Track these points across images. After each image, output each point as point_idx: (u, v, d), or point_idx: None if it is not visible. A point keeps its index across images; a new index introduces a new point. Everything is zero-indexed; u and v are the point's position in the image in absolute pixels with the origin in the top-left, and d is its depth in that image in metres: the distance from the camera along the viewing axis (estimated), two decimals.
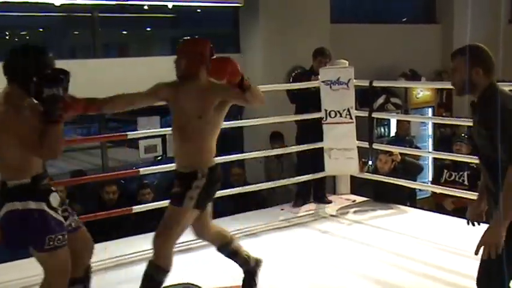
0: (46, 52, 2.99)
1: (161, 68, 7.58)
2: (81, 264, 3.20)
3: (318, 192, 6.15)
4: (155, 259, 3.34)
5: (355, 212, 5.86)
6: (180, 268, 4.22)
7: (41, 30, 9.82)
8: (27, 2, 6.92)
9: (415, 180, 6.36)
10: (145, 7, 7.97)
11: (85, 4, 7.43)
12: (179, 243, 4.65)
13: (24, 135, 2.76)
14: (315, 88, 5.93)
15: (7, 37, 9.65)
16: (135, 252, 4.69)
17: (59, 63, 3.04)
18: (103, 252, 4.56)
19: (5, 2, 6.75)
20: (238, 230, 5.16)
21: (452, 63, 2.81)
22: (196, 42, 3.50)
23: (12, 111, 2.78)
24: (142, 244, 4.77)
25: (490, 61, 2.75)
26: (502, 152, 2.55)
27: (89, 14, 7.70)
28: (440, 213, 5.86)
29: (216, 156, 3.50)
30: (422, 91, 9.69)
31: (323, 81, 5.86)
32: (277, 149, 6.67)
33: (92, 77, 6.56)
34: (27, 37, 10.11)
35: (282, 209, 5.92)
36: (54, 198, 2.97)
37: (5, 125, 2.78)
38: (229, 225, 5.22)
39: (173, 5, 8.03)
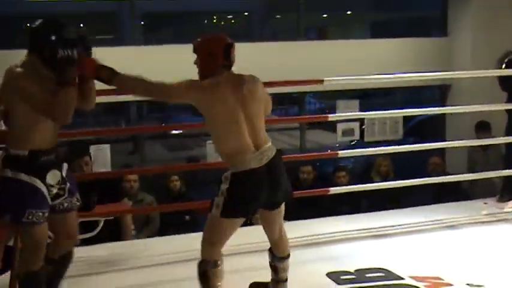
0: (64, 25, 2.93)
1: (359, 52, 7.65)
2: (57, 248, 3.16)
3: None
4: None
5: None
6: (377, 253, 4.22)
7: (245, 14, 10.30)
8: None
9: None
10: None
11: None
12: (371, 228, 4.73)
13: (35, 97, 2.79)
14: None
15: (214, 21, 10.29)
16: (325, 233, 4.69)
17: (262, 45, 3.09)
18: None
19: None
20: (437, 220, 4.97)
21: None
22: (206, 41, 3.20)
23: (26, 74, 2.83)
24: (332, 226, 4.85)
25: None
26: None
27: None
28: None
29: (414, 142, 3.25)
30: None
31: None
32: (483, 139, 6.25)
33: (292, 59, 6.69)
34: (233, 21, 10.68)
35: (485, 203, 5.54)
36: (53, 176, 2.96)
37: (16, 87, 2.83)
38: (427, 215, 5.09)
39: None
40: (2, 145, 3.02)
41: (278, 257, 3.37)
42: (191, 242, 3.50)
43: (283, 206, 3.28)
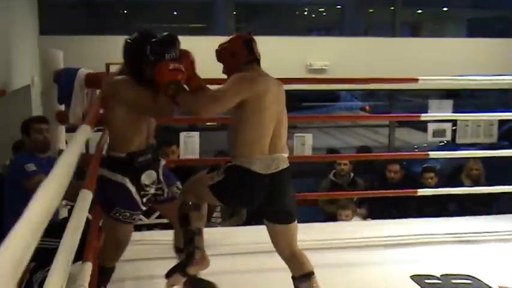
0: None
1: (454, 50, 7.42)
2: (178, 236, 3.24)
3: None
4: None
5: None
6: (464, 259, 4.10)
7: (338, 7, 10.21)
8: None
9: None
10: None
11: None
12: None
13: (135, 100, 2.93)
14: None
15: (305, 13, 10.27)
16: (411, 235, 4.60)
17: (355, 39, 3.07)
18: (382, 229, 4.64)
19: None
20: None
21: None
22: (225, 44, 3.07)
23: (124, 80, 2.98)
24: (419, 228, 4.75)
25: None
26: None
27: None
28: None
29: (509, 147, 3.11)
30: None
31: None
32: None
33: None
34: (324, 14, 10.62)
35: None
36: (148, 176, 3.07)
37: (115, 92, 2.98)
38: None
39: None
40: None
41: (294, 276, 3.01)
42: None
43: (294, 224, 3.02)
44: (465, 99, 9.92)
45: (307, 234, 4.10)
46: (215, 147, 7.69)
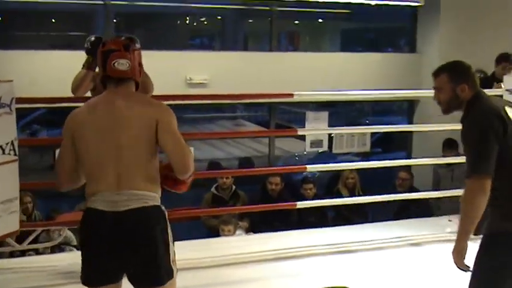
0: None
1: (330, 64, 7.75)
2: None
3: None
4: None
5: None
6: (341, 270, 4.26)
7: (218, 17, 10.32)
8: None
9: None
10: None
11: None
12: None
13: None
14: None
15: (187, 22, 10.29)
16: (292, 248, 4.70)
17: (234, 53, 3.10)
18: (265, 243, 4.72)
19: None
20: (399, 237, 5.02)
21: (435, 81, 2.78)
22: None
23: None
24: (298, 239, 4.89)
25: (473, 75, 2.73)
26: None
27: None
28: None
29: (381, 154, 3.29)
30: None
31: (507, 90, 5.45)
32: (448, 157, 6.35)
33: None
34: (205, 23, 10.69)
35: (449, 220, 5.63)
36: None
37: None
38: (390, 231, 5.16)
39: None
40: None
41: None
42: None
43: None
44: (341, 107, 10.33)
45: (191, 252, 4.12)
46: None
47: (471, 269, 2.63)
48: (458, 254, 2.61)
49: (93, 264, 2.54)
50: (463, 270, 2.64)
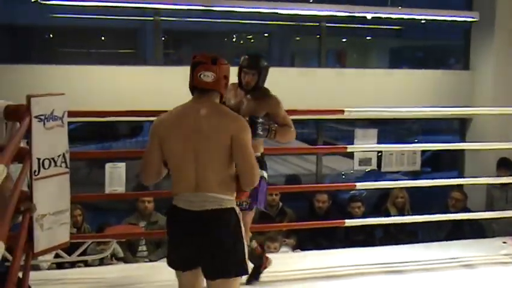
0: None
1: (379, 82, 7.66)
2: None
3: None
4: None
5: None
6: None
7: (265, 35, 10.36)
8: None
9: None
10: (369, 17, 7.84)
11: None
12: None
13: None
14: None
15: (234, 40, 10.37)
16: (338, 266, 4.62)
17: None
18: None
19: None
20: (451, 258, 4.87)
21: None
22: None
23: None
24: (344, 258, 4.80)
25: None
26: None
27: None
28: None
29: (431, 173, 3.21)
30: None
31: None
32: (503, 177, 6.16)
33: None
34: (252, 41, 10.75)
35: (504, 242, 5.44)
36: None
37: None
38: (442, 251, 5.01)
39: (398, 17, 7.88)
40: None
41: None
42: None
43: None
44: (390, 125, 10.19)
45: None
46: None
47: None
48: None
49: (175, 251, 2.90)
50: None
